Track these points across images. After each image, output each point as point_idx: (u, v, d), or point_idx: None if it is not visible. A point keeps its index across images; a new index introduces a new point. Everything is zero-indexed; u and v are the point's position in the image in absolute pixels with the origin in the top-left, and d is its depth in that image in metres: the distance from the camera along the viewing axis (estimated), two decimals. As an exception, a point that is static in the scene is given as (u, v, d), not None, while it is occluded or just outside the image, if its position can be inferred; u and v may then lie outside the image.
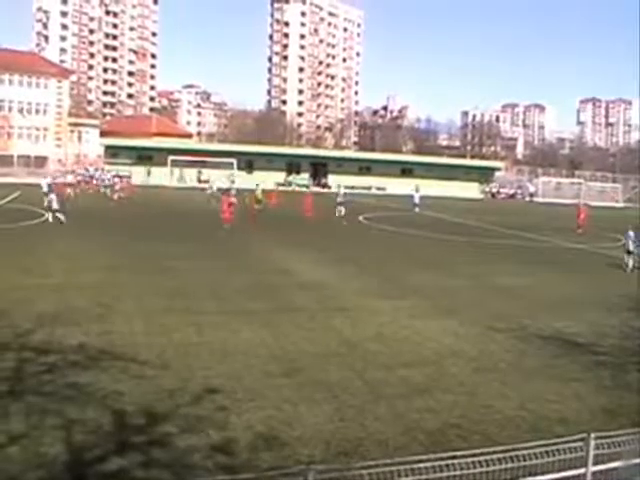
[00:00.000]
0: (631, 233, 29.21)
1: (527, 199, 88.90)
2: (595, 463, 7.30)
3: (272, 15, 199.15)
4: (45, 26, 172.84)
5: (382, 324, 17.09)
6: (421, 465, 6.56)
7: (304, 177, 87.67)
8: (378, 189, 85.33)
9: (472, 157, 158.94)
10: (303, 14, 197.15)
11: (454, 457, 6.75)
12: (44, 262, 23.87)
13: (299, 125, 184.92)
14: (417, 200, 54.22)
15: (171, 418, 10.32)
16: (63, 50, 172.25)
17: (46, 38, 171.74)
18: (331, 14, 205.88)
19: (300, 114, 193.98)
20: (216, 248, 29.58)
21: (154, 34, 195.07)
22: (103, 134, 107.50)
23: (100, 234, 31.73)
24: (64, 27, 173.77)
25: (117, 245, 28.64)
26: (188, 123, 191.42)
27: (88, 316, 16.18)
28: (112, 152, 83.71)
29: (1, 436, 9.37)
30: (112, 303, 17.73)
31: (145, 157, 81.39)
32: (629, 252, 28.98)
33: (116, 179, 67.48)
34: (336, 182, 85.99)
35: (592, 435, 7.27)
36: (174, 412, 10.55)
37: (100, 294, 18.80)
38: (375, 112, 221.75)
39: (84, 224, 35.80)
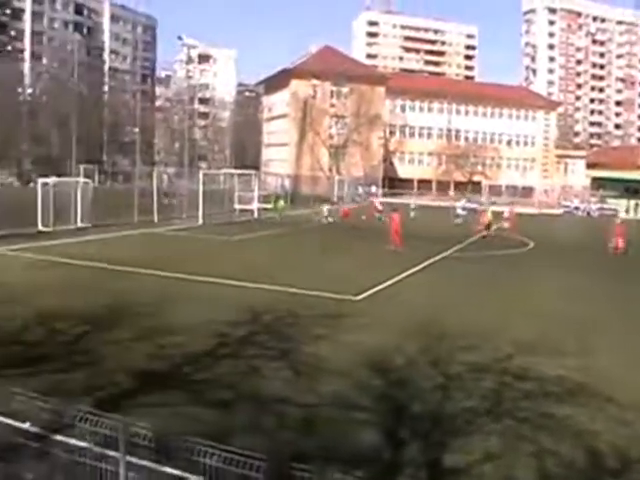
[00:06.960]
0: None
1: None
2: None
3: None
4: (533, 60, 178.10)
5: None
6: None
7: None
8: None
9: None
10: None
11: None
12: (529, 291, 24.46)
13: None
14: None
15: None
16: (550, 83, 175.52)
17: (534, 72, 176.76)
18: None
19: None
20: None
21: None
22: (589, 166, 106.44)
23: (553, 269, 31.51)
24: (551, 59, 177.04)
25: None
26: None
27: (559, 348, 15.98)
28: (598, 184, 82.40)
29: (477, 452, 9.85)
30: (592, 337, 17.33)
31: (631, 190, 78.22)
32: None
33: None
34: None
35: None
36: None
37: (578, 327, 18.55)
38: None
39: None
